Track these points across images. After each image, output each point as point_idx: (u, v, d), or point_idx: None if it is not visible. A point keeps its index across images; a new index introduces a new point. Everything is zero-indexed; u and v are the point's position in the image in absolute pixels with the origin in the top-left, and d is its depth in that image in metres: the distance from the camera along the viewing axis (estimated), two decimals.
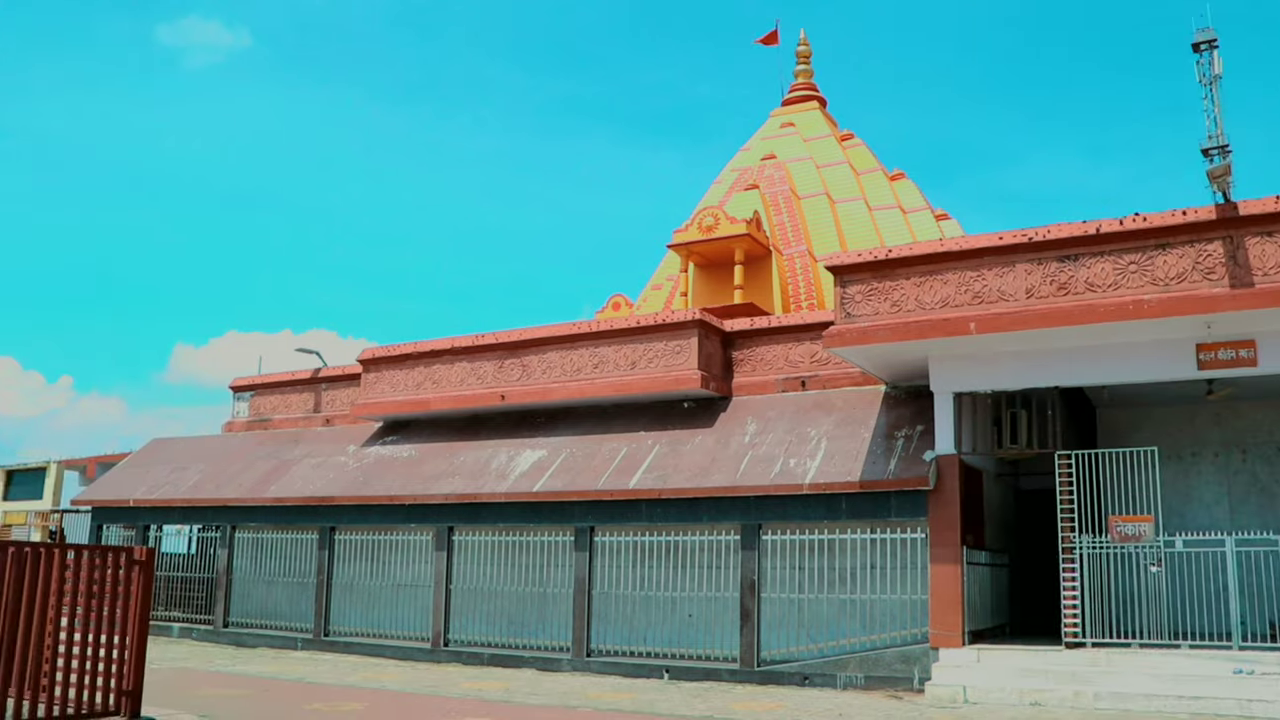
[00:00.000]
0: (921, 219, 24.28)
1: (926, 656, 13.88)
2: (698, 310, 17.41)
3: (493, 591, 17.41)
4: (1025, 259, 13.36)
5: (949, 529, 14.07)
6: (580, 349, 18.06)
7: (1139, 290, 12.78)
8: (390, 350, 20.25)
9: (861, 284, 14.24)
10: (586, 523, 16.56)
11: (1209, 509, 17.03)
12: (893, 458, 14.70)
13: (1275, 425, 16.96)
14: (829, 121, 26.82)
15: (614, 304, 24.00)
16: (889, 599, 14.46)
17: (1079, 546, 13.75)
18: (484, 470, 17.95)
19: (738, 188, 24.27)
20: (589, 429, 18.08)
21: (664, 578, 16.03)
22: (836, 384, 16.80)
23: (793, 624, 15.06)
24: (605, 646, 16.29)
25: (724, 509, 15.52)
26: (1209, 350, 13.15)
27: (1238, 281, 12.36)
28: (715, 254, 22.07)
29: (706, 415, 17.29)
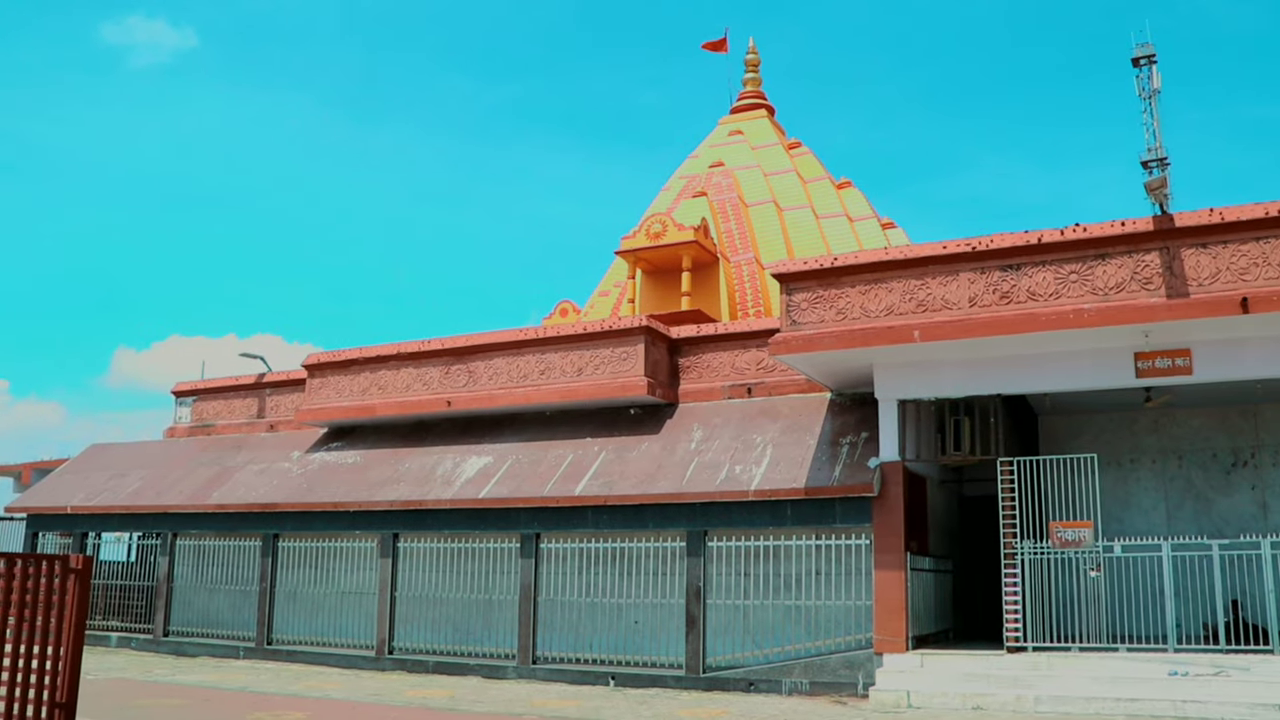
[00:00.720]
0: (868, 227, 24.47)
1: (871, 662, 13.97)
2: (645, 317, 17.43)
3: (438, 599, 17.30)
4: (969, 268, 13.52)
5: (893, 535, 14.17)
6: (527, 355, 18.02)
7: (1079, 299, 12.98)
8: (336, 355, 20.09)
9: (807, 292, 14.33)
10: (532, 529, 16.50)
11: (1147, 514, 17.30)
12: (838, 464, 14.80)
13: (1211, 432, 17.26)
14: (777, 130, 26.97)
15: (561, 310, 23.97)
16: (834, 605, 14.53)
17: (1020, 552, 13.91)
18: (430, 477, 17.85)
19: (686, 195, 24.34)
20: (535, 435, 18.05)
21: (610, 584, 16.01)
22: (782, 391, 16.90)
23: (738, 630, 15.10)
24: (551, 654, 16.24)
25: (670, 515, 15.54)
26: (1147, 359, 13.38)
27: (1174, 292, 12.59)
28: (663, 261, 22.12)
29: (653, 422, 17.32)
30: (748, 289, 22.21)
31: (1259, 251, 12.39)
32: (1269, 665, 12.37)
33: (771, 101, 27.87)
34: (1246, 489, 17.01)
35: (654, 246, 21.73)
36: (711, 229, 22.51)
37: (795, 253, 22.63)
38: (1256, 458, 17.01)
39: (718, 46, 27.44)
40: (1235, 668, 12.34)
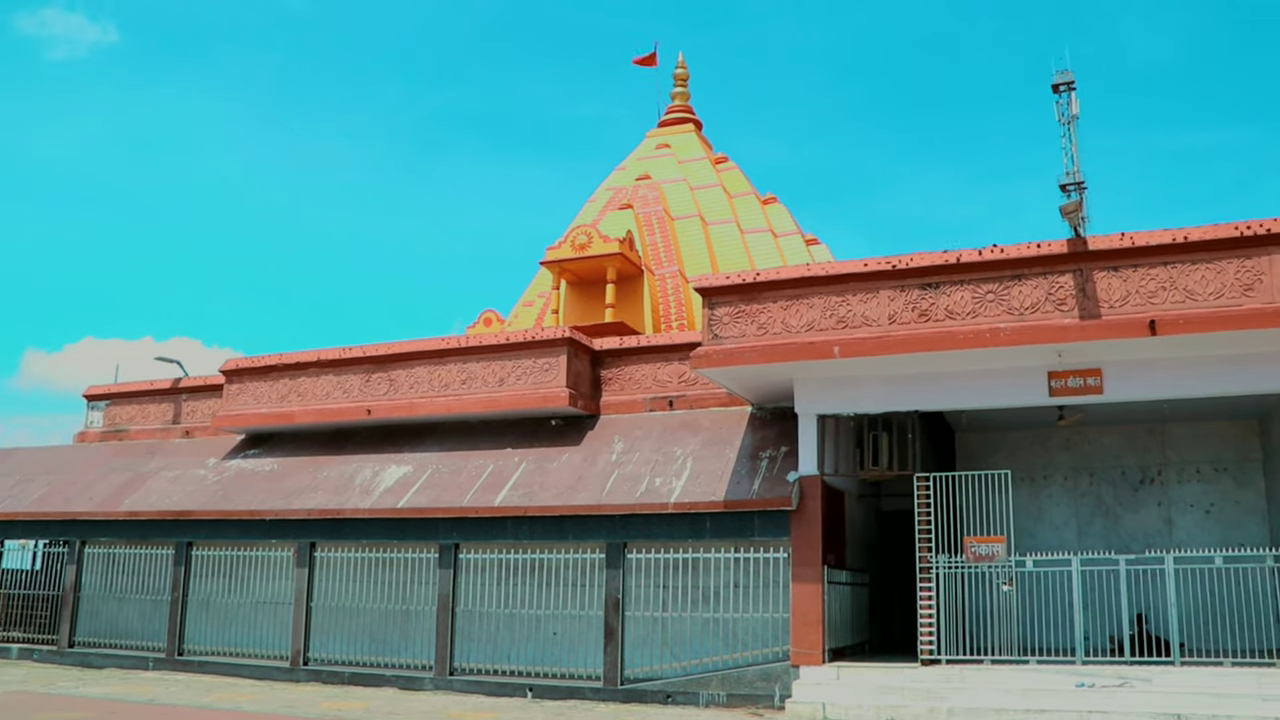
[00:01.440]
0: (792, 243, 24.71)
1: (787, 674, 14.06)
2: (568, 328, 17.43)
3: (355, 609, 17.10)
4: (889, 285, 13.72)
5: (811, 548, 14.30)
6: (449, 364, 17.91)
7: (996, 319, 13.22)
8: (255, 361, 19.80)
9: (729, 306, 14.43)
10: (451, 539, 16.39)
11: (1058, 530, 17.67)
12: (757, 478, 14.90)
13: (1121, 450, 17.70)
14: (704, 144, 27.14)
15: (485, 319, 23.87)
16: (752, 617, 14.62)
17: (935, 566, 14.12)
18: (348, 485, 17.66)
19: (612, 207, 24.40)
20: (456, 445, 17.93)
21: (529, 595, 15.95)
22: (704, 404, 16.99)
23: (656, 642, 15.12)
24: (469, 665, 16.12)
25: (590, 527, 15.52)
26: (1060, 378, 13.67)
27: (1086, 313, 12.88)
28: (588, 272, 22.14)
29: (574, 433, 17.30)
30: (672, 302, 22.30)
31: (1167, 276, 12.73)
32: (1169, 676, 12.72)
33: (699, 116, 28.06)
34: (1153, 505, 17.46)
35: (579, 258, 21.75)
36: (637, 241, 22.58)
37: (720, 267, 22.78)
38: (1163, 475, 17.47)
39: (648, 61, 27.58)
40: (1138, 679, 12.65)
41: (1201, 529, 17.04)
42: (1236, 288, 12.53)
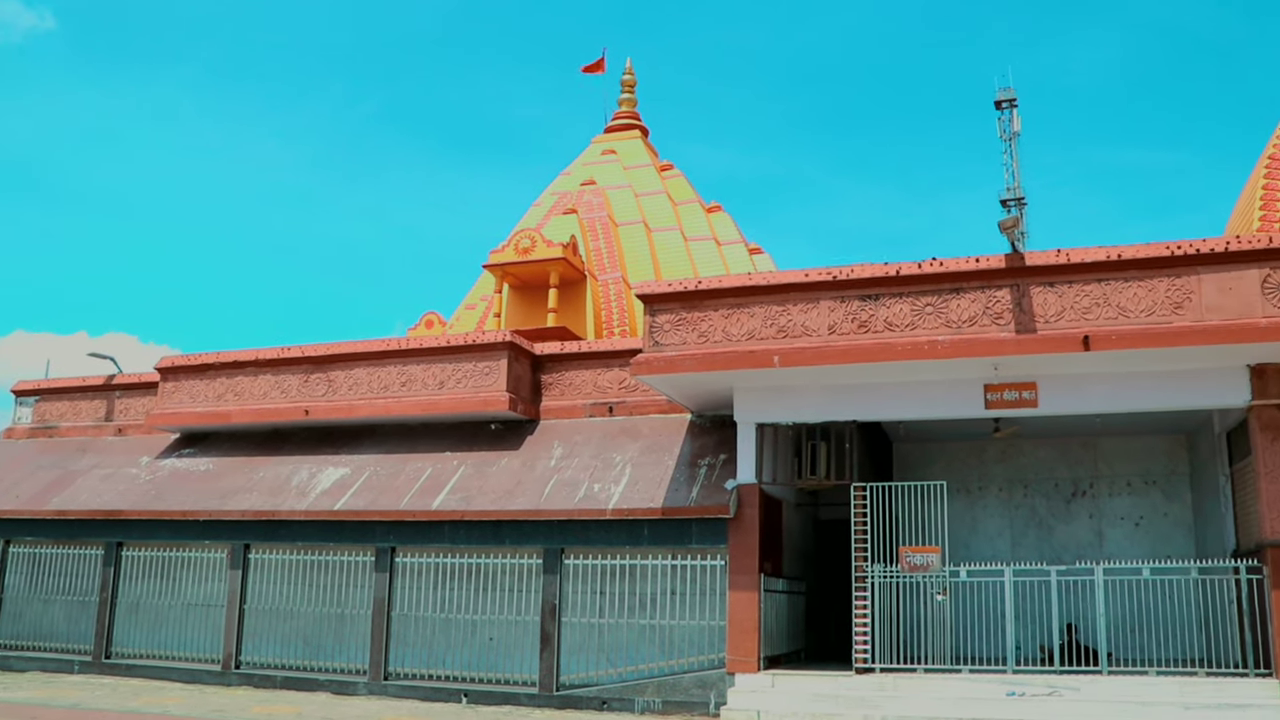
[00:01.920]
0: (735, 251, 24.82)
1: (723, 681, 14.11)
2: (509, 332, 17.37)
3: (289, 612, 16.90)
4: (829, 296, 13.81)
5: (748, 556, 14.36)
6: (389, 366, 17.78)
7: (934, 331, 13.36)
8: (191, 359, 19.51)
9: (670, 313, 14.45)
10: (388, 543, 16.26)
11: (993, 541, 17.89)
12: (695, 485, 14.94)
13: (1054, 463, 17.96)
14: (650, 151, 27.20)
15: (427, 321, 23.74)
16: (688, 625, 14.65)
17: (871, 575, 14.23)
18: (284, 487, 17.46)
19: (556, 211, 24.37)
20: (394, 448, 17.81)
21: (465, 600, 15.87)
22: (644, 411, 17.00)
23: (593, 648, 15.10)
24: (403, 669, 16.00)
25: (527, 532, 15.48)
26: (996, 391, 13.86)
27: (1023, 327, 13.06)
28: (531, 276, 22.09)
29: (514, 438, 17.24)
30: (614, 308, 22.31)
31: (1101, 292, 12.95)
32: (1097, 685, 12.95)
33: (646, 123, 28.13)
34: (1085, 517, 17.73)
35: (522, 262, 21.70)
36: (580, 247, 22.57)
37: (663, 274, 22.83)
38: (1094, 488, 17.76)
39: (595, 67, 27.60)
40: (1067, 688, 12.85)
41: (1131, 541, 17.34)
42: (1167, 305, 12.78)
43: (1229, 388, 13.34)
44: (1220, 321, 12.61)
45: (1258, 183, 16.59)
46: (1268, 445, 13.08)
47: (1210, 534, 15.94)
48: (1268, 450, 13.06)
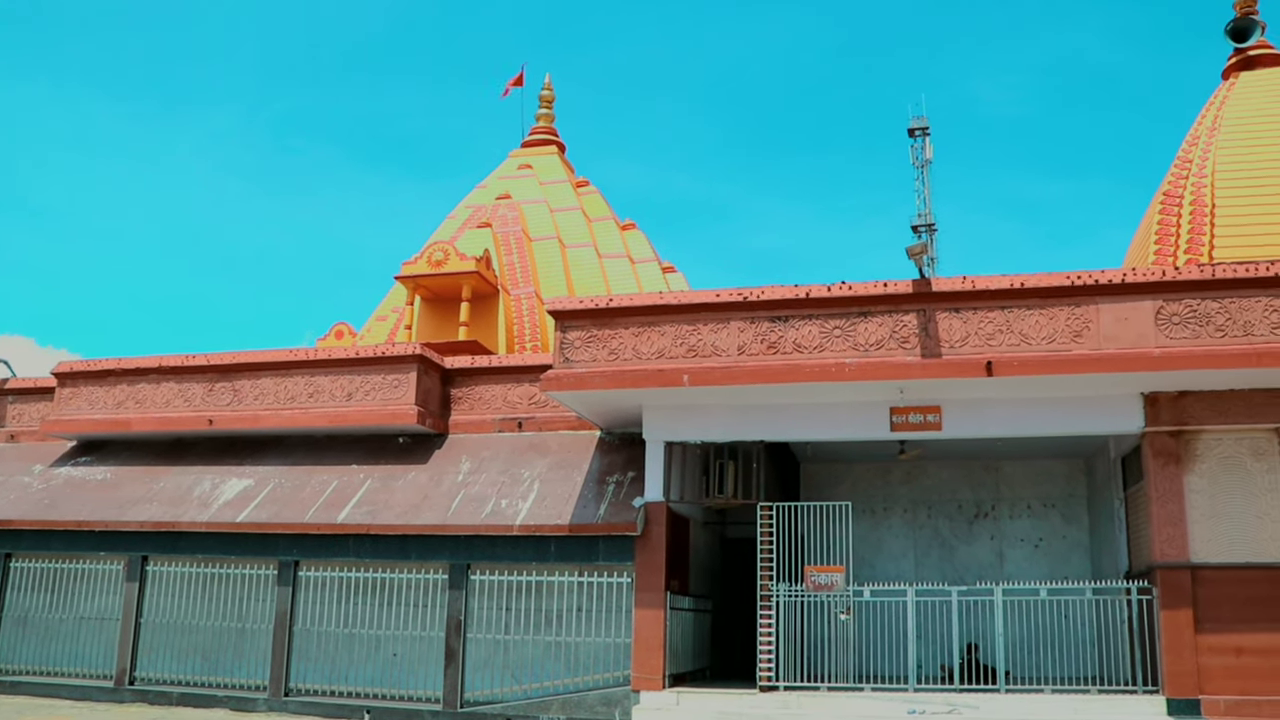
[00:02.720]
0: (649, 270, 24.91)
1: (628, 699, 14.11)
2: (418, 345, 17.23)
3: (187, 626, 16.52)
4: (739, 317, 13.93)
5: (655, 574, 14.39)
6: (296, 376, 17.52)
7: (841, 353, 13.55)
8: (90, 365, 19.03)
9: (582, 330, 14.46)
10: (291, 556, 16.00)
11: (897, 561, 18.14)
12: (603, 503, 14.95)
13: (958, 485, 18.29)
14: (566, 167, 27.20)
15: (337, 332, 23.43)
16: (594, 641, 14.63)
17: (776, 594, 14.34)
18: (185, 497, 17.10)
19: (471, 225, 24.25)
20: (300, 459, 17.54)
21: (370, 615, 15.67)
22: (553, 427, 16.95)
23: (498, 665, 15.01)
24: (305, 685, 15.74)
25: (433, 547, 15.35)
26: (901, 414, 14.10)
27: (928, 352, 13.31)
28: (443, 289, 21.93)
29: (422, 451, 17.10)
30: (526, 323, 22.25)
31: (1004, 319, 13.26)
32: (995, 703, 13.22)
33: (563, 139, 28.11)
34: (986, 539, 18.07)
35: (435, 274, 21.54)
36: (494, 261, 22.49)
37: (576, 290, 22.83)
38: (996, 510, 18.12)
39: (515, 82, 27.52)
40: (966, 706, 13.08)
41: (1030, 562, 17.70)
42: (1067, 334, 13.13)
43: (1124, 414, 13.74)
44: (1116, 350, 13.00)
45: (1154, 217, 17.12)
46: (1159, 470, 13.47)
47: (1105, 556, 16.36)
48: (1159, 475, 13.46)
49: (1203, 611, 13.02)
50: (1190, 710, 12.73)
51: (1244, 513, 13.28)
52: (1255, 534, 13.21)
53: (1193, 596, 13.06)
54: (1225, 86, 18.82)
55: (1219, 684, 12.78)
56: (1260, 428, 13.40)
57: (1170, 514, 13.34)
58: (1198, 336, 12.91)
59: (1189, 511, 13.35)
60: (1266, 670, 12.74)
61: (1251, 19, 19.09)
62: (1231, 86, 18.63)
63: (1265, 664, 12.75)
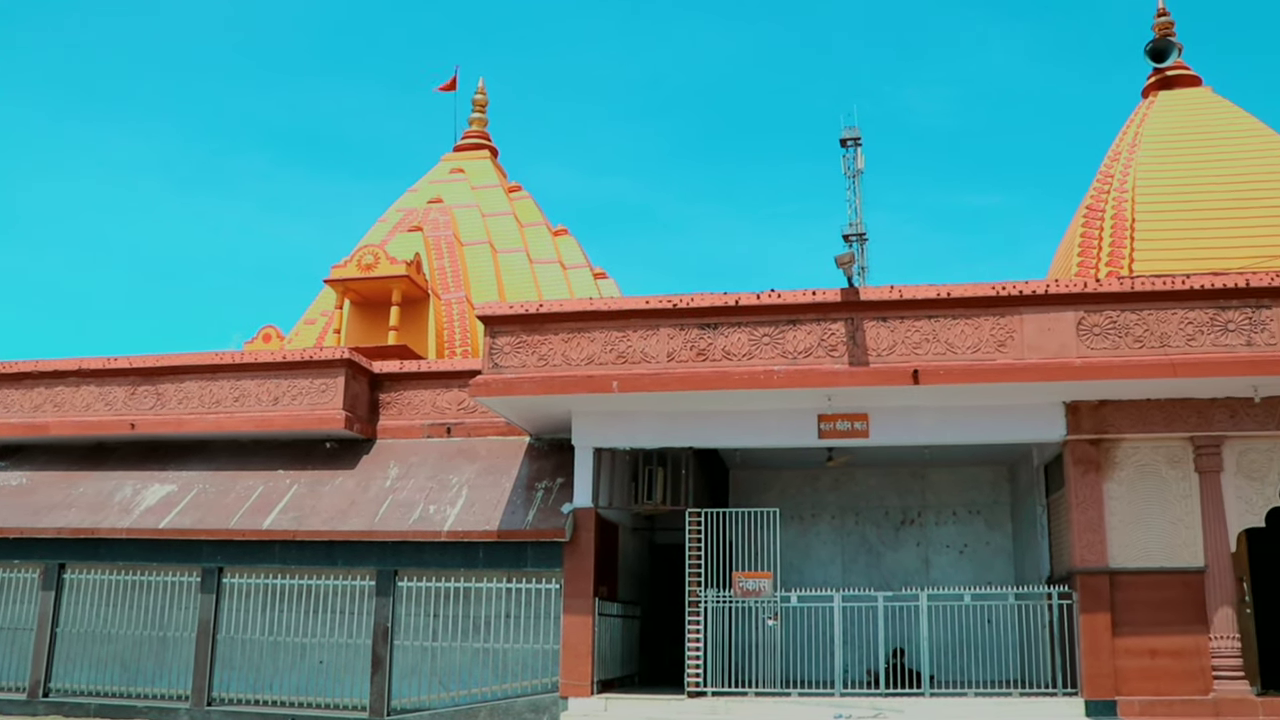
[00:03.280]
0: (580, 276, 24.90)
1: (556, 705, 14.08)
2: (347, 349, 17.07)
3: (106, 635, 16.17)
4: (669, 324, 13.98)
5: (583, 580, 14.39)
6: (222, 380, 17.25)
7: (770, 361, 13.65)
8: (6, 367, 18.55)
9: (511, 336, 14.42)
10: (215, 563, 15.76)
11: (825, 567, 18.30)
12: (532, 509, 14.92)
13: (884, 492, 18.49)
14: (499, 171, 27.09)
15: (265, 335, 23.15)
16: (523, 648, 14.58)
17: (704, 600, 14.40)
18: (106, 503, 16.76)
19: (402, 228, 24.06)
20: (225, 464, 17.28)
21: (295, 622, 15.47)
22: (482, 433, 16.88)
23: (425, 672, 14.90)
24: (228, 695, 15.49)
25: (360, 553, 15.21)
26: (829, 421, 14.24)
27: (856, 360, 13.46)
28: (373, 293, 21.73)
29: (349, 457, 16.93)
30: (456, 328, 22.13)
31: (930, 328, 13.46)
32: (919, 707, 13.45)
33: (496, 143, 27.99)
34: (913, 545, 18.30)
35: (364, 278, 21.34)
36: (425, 265, 22.34)
37: (507, 295, 22.76)
38: (922, 517, 18.35)
39: (449, 86, 27.37)
40: (892, 710, 13.25)
41: (955, 568, 17.95)
42: (992, 343, 13.36)
43: (1046, 423, 14.00)
44: (1039, 360, 13.25)
45: (1077, 230, 17.48)
46: (1080, 478, 13.75)
47: (1028, 561, 16.64)
48: (1079, 482, 13.73)
49: (1120, 615, 13.33)
50: (1107, 711, 13.03)
51: (1160, 519, 13.61)
52: (1170, 539, 13.54)
53: (1111, 601, 13.37)
54: (1145, 104, 19.29)
55: (1134, 685, 13.10)
56: (1176, 436, 13.73)
57: (1090, 520, 13.62)
58: (1117, 347, 13.20)
59: (1108, 518, 13.64)
60: (1178, 671, 13.09)
61: (1170, 41, 19.61)
62: (1151, 105, 19.10)
63: (1177, 665, 13.11)
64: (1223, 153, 17.55)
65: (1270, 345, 12.93)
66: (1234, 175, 17.12)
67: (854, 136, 33.62)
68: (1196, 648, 13.17)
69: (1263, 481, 13.56)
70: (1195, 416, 13.66)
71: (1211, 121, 18.28)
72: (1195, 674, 13.10)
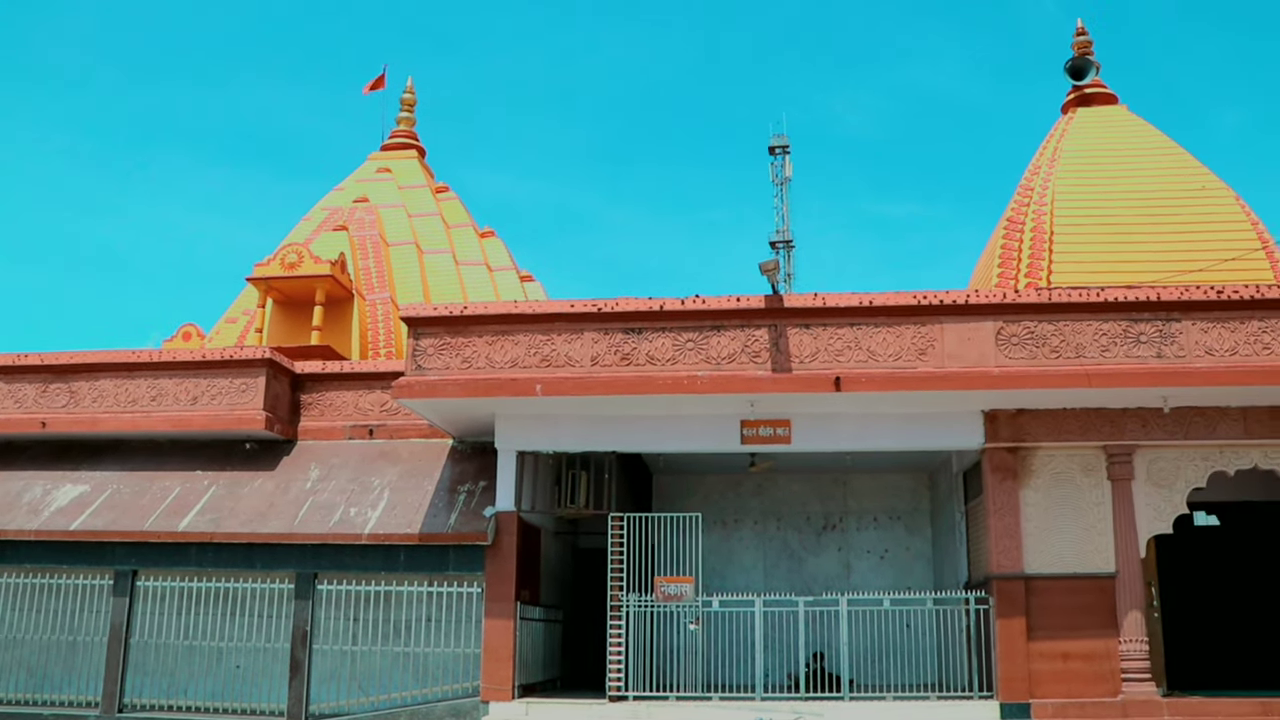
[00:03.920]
0: (507, 278, 24.80)
1: (477, 710, 14.01)
2: (268, 349, 16.83)
3: (11, 640, 15.72)
4: (594, 328, 13.99)
5: (505, 584, 14.34)
6: (139, 379, 16.91)
7: (694, 366, 13.72)
8: None
9: (434, 338, 14.32)
10: (129, 566, 15.43)
11: (747, 572, 18.41)
12: (454, 512, 14.83)
13: (806, 497, 18.66)
14: (426, 172, 26.89)
15: (184, 334, 22.75)
16: (444, 652, 14.49)
17: (626, 604, 14.41)
18: (14, 504, 16.33)
19: (327, 227, 23.78)
20: (141, 465, 16.92)
21: (212, 626, 15.21)
22: (405, 435, 16.75)
23: (345, 676, 14.74)
24: (141, 701, 15.17)
25: (280, 556, 15.00)
26: (752, 427, 14.33)
27: (779, 366, 13.57)
28: (296, 292, 21.45)
29: (269, 458, 16.70)
30: (381, 329, 21.93)
31: (853, 336, 13.62)
32: (839, 711, 13.59)
33: (424, 143, 27.79)
34: (834, 550, 18.48)
35: (288, 277, 21.05)
36: (350, 265, 22.11)
37: (432, 297, 22.60)
38: (843, 522, 18.54)
39: (376, 84, 27.10)
40: (811, 714, 13.38)
41: (876, 573, 18.16)
42: (913, 351, 13.55)
43: (966, 431, 14.24)
44: (959, 369, 13.48)
45: (998, 241, 17.79)
46: (997, 485, 13.99)
47: (947, 567, 16.88)
48: (997, 490, 13.98)
49: (1035, 620, 13.60)
50: (1021, 714, 13.29)
51: (1074, 526, 13.90)
52: (1084, 546, 13.84)
53: (1026, 606, 13.63)
54: (1065, 120, 19.70)
55: (1048, 688, 13.38)
56: (1090, 445, 14.03)
57: (1007, 527, 13.87)
58: (1034, 357, 13.46)
59: (1024, 524, 13.90)
60: (1090, 674, 13.41)
61: (1088, 59, 20.08)
62: (1070, 121, 19.51)
63: (1089, 668, 13.41)
64: (1137, 170, 18.00)
65: (1179, 357, 13.30)
66: (1147, 192, 17.57)
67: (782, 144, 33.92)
68: (1107, 651, 13.49)
69: (1171, 489, 13.91)
70: (1108, 426, 13.99)
71: (1127, 139, 18.74)
72: (1105, 676, 13.42)
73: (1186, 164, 18.18)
